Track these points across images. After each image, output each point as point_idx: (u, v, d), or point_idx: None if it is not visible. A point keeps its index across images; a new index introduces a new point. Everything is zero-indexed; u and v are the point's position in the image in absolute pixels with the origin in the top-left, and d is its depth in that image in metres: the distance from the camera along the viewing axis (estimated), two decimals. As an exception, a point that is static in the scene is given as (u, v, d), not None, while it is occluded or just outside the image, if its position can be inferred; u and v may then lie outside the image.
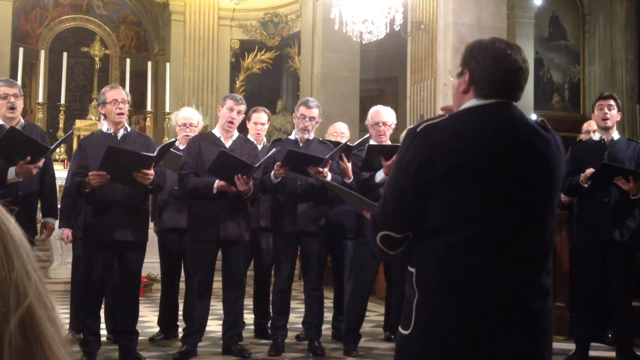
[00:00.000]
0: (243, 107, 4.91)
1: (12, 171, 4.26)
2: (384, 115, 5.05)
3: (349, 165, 4.96)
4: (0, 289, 0.59)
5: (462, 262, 1.78)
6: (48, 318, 0.62)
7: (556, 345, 5.40)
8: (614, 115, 4.95)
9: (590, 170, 4.76)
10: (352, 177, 4.94)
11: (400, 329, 1.87)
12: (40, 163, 4.28)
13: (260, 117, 5.62)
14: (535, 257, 1.83)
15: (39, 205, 4.84)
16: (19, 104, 4.52)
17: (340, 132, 5.78)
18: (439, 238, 1.81)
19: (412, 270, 1.86)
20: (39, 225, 4.85)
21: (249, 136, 5.57)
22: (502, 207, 1.81)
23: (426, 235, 1.83)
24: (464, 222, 1.79)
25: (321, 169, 4.66)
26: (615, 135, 5.03)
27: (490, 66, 1.87)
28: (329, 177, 4.75)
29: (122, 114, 4.61)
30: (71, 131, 6.33)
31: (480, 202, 1.80)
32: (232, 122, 4.85)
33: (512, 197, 1.82)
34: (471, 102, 1.90)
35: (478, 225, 1.78)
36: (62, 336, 0.63)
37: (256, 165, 4.58)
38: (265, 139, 5.77)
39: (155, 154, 4.39)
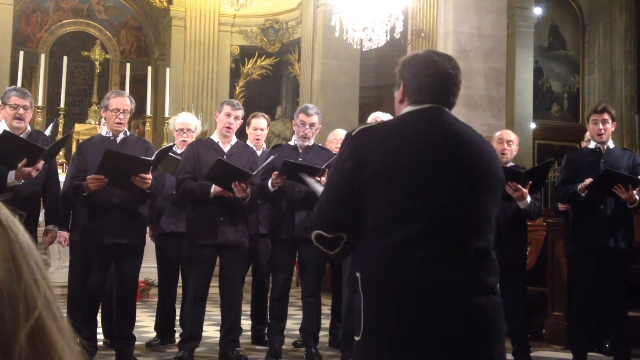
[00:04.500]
0: (240, 113, 4.91)
1: (11, 175, 4.27)
2: (383, 120, 5.06)
3: None
4: (9, 300, 0.57)
5: (400, 263, 1.80)
6: (57, 329, 0.60)
7: (554, 354, 5.41)
8: (609, 128, 4.98)
9: (589, 180, 4.77)
10: None
11: (355, 336, 1.88)
12: (40, 165, 4.28)
13: (260, 123, 5.63)
14: (473, 255, 1.84)
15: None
16: (28, 116, 4.53)
17: (340, 138, 5.78)
18: (375, 240, 1.84)
19: (357, 275, 1.89)
20: (39, 229, 4.84)
21: (248, 142, 5.57)
22: (434, 207, 1.84)
23: (365, 239, 1.87)
24: (398, 224, 1.81)
25: (318, 178, 4.65)
26: (611, 144, 5.05)
27: (419, 73, 1.97)
28: None
29: (121, 124, 4.61)
30: (69, 133, 6.30)
31: (412, 202, 1.83)
32: (229, 128, 4.85)
33: (444, 197, 1.85)
34: (405, 109, 1.98)
35: (412, 226, 1.81)
36: (72, 347, 0.61)
37: (254, 173, 4.57)
38: (264, 145, 5.77)
39: (153, 158, 4.39)
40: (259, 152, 5.45)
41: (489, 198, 1.93)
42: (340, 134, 5.84)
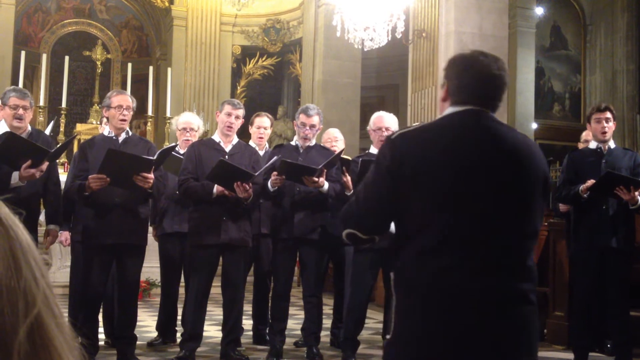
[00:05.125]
0: (241, 112, 4.91)
1: (15, 176, 4.27)
2: (386, 120, 5.05)
3: (349, 177, 4.96)
4: (8, 297, 0.58)
5: (435, 266, 1.79)
6: (57, 326, 0.60)
7: (555, 354, 5.40)
8: (611, 127, 4.98)
9: (591, 182, 4.77)
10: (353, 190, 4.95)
11: (386, 335, 1.90)
12: (44, 167, 4.28)
13: (263, 122, 5.63)
14: (510, 262, 1.83)
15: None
16: (28, 116, 4.54)
17: (334, 137, 5.76)
18: (413, 243, 1.83)
19: (391, 274, 1.90)
20: (40, 229, 4.84)
21: (251, 141, 5.58)
22: (473, 211, 1.82)
23: (402, 240, 1.87)
24: (436, 227, 1.81)
25: (316, 179, 4.65)
26: (612, 144, 5.05)
27: (462, 72, 1.95)
28: (325, 186, 4.75)
29: (125, 120, 4.62)
30: (74, 135, 6.33)
31: (450, 206, 1.82)
32: (230, 127, 4.85)
33: (484, 202, 1.83)
34: (447, 109, 1.96)
35: (449, 230, 1.80)
36: (71, 344, 0.61)
37: (256, 173, 4.57)
38: (267, 145, 5.77)
39: (155, 158, 4.40)
40: (261, 152, 5.45)
41: (534, 203, 1.90)
42: (333, 133, 5.82)
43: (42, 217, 5.06)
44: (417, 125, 1.97)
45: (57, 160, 5.12)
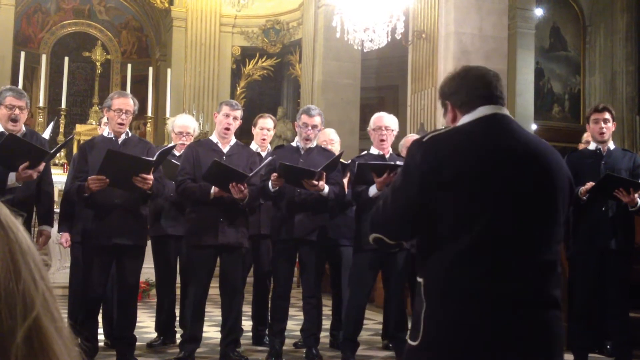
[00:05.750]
0: (239, 113, 4.90)
1: (12, 176, 4.26)
2: (386, 120, 5.06)
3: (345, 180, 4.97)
4: (6, 300, 0.57)
5: (469, 271, 1.78)
6: (55, 329, 0.59)
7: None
8: (610, 127, 4.97)
9: (590, 184, 4.76)
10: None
11: (408, 340, 1.87)
12: (41, 167, 4.28)
13: (266, 123, 5.63)
14: (542, 267, 1.83)
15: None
16: (23, 117, 4.52)
17: (329, 139, 5.74)
18: (445, 248, 1.81)
19: (420, 280, 1.87)
20: (34, 229, 4.83)
21: (253, 142, 5.58)
22: (506, 216, 1.82)
23: (433, 246, 1.84)
24: (469, 232, 1.79)
25: (316, 182, 4.64)
26: (611, 145, 5.04)
27: (460, 83, 1.98)
28: (326, 189, 4.74)
29: (123, 124, 4.61)
30: (71, 136, 6.33)
31: (484, 211, 1.81)
32: (228, 128, 4.84)
33: (516, 207, 1.83)
34: (464, 118, 1.95)
35: (483, 235, 1.79)
36: (70, 348, 0.61)
37: (250, 174, 4.56)
38: (269, 146, 5.77)
39: (154, 158, 4.39)
40: (263, 153, 5.45)
41: (560, 207, 1.90)
42: (329, 134, 5.81)
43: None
44: (446, 129, 1.95)
45: (57, 161, 5.11)
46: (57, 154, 5.07)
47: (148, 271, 6.45)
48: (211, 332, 5.65)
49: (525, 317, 1.78)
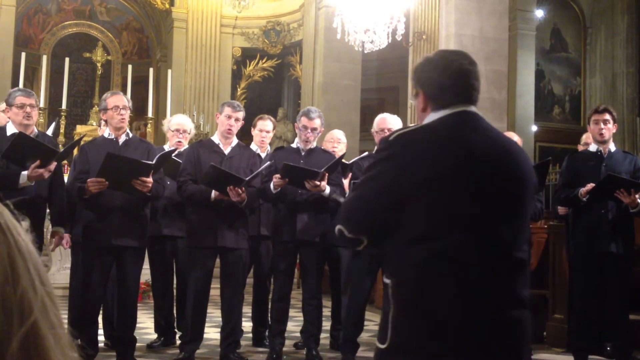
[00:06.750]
0: (241, 114, 4.91)
1: (24, 175, 4.29)
2: (389, 122, 5.06)
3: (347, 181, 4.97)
4: (3, 304, 0.56)
5: (438, 273, 1.75)
6: (53, 336, 0.58)
7: (555, 357, 5.40)
8: (610, 129, 4.96)
9: (590, 185, 4.76)
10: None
11: (377, 342, 1.83)
12: (52, 167, 4.31)
13: (266, 125, 5.64)
14: (512, 267, 1.81)
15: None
16: (34, 114, 4.58)
17: (337, 138, 5.75)
18: (414, 249, 1.78)
19: (388, 281, 1.84)
20: (45, 231, 4.84)
21: (253, 143, 5.58)
22: (477, 216, 1.79)
23: (402, 247, 1.80)
24: (439, 233, 1.76)
25: (318, 183, 4.65)
26: (612, 147, 5.04)
27: (437, 76, 1.91)
28: (327, 190, 4.75)
29: (124, 119, 4.62)
30: (81, 137, 6.32)
31: (454, 211, 1.78)
32: (230, 130, 4.85)
33: (487, 207, 1.81)
34: (432, 115, 1.91)
35: (453, 237, 1.76)
36: (67, 355, 0.59)
37: (247, 178, 4.56)
38: (269, 147, 5.78)
39: (154, 162, 4.40)
40: (263, 154, 5.45)
41: (528, 206, 1.89)
42: (337, 134, 5.82)
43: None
44: (413, 127, 1.92)
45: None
46: (68, 155, 5.08)
47: (148, 272, 6.45)
48: (211, 333, 5.65)
49: (494, 317, 1.77)
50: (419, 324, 1.76)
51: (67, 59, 10.71)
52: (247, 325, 5.66)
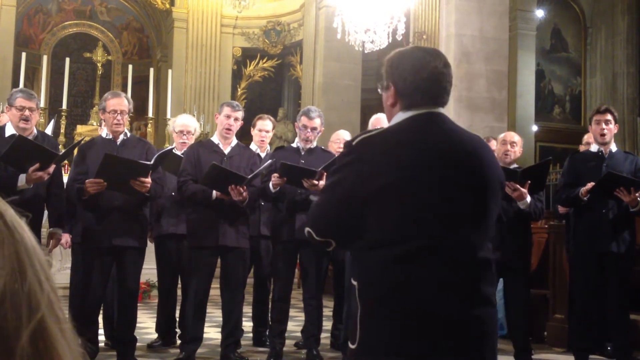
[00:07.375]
0: (240, 114, 4.91)
1: (22, 178, 4.28)
2: (384, 121, 5.05)
3: None
4: (12, 301, 0.57)
5: (403, 274, 1.76)
6: (60, 330, 0.60)
7: (555, 357, 5.40)
8: (612, 129, 4.96)
9: (591, 185, 4.76)
10: None
11: (349, 343, 1.85)
12: (51, 169, 4.30)
13: (265, 125, 5.64)
14: (476, 266, 1.82)
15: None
16: (34, 117, 4.55)
17: (343, 139, 5.76)
18: (379, 251, 1.79)
19: (355, 283, 1.85)
20: (43, 231, 4.84)
21: (252, 143, 5.58)
22: (440, 217, 1.80)
23: (368, 249, 1.82)
24: (404, 235, 1.77)
25: (316, 182, 4.64)
26: (613, 147, 5.04)
27: (411, 76, 1.90)
28: None
29: (119, 125, 4.60)
30: (82, 138, 6.34)
31: (418, 213, 1.79)
32: (229, 129, 4.85)
33: (449, 207, 1.81)
34: (400, 114, 1.91)
35: (417, 238, 1.77)
36: (74, 349, 0.61)
37: (249, 176, 4.56)
38: (268, 147, 5.78)
39: (152, 161, 4.40)
40: (263, 154, 5.45)
41: (494, 205, 1.90)
42: (343, 134, 5.83)
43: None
44: (377, 131, 1.90)
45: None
46: (67, 157, 5.06)
47: (149, 272, 6.46)
48: (212, 332, 5.66)
49: (458, 316, 1.78)
50: (385, 324, 1.78)
51: (67, 59, 10.71)
52: (247, 325, 5.66)
